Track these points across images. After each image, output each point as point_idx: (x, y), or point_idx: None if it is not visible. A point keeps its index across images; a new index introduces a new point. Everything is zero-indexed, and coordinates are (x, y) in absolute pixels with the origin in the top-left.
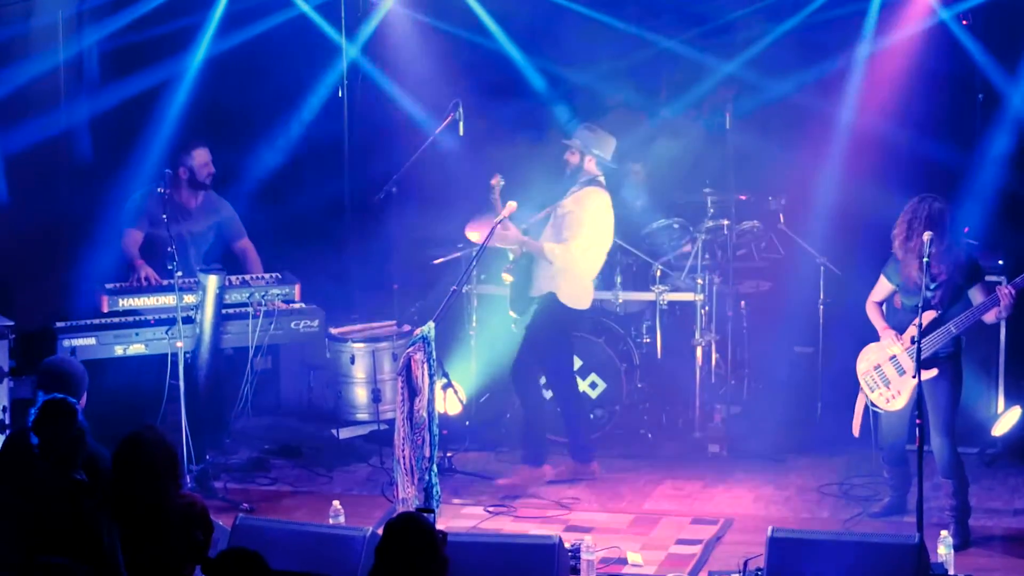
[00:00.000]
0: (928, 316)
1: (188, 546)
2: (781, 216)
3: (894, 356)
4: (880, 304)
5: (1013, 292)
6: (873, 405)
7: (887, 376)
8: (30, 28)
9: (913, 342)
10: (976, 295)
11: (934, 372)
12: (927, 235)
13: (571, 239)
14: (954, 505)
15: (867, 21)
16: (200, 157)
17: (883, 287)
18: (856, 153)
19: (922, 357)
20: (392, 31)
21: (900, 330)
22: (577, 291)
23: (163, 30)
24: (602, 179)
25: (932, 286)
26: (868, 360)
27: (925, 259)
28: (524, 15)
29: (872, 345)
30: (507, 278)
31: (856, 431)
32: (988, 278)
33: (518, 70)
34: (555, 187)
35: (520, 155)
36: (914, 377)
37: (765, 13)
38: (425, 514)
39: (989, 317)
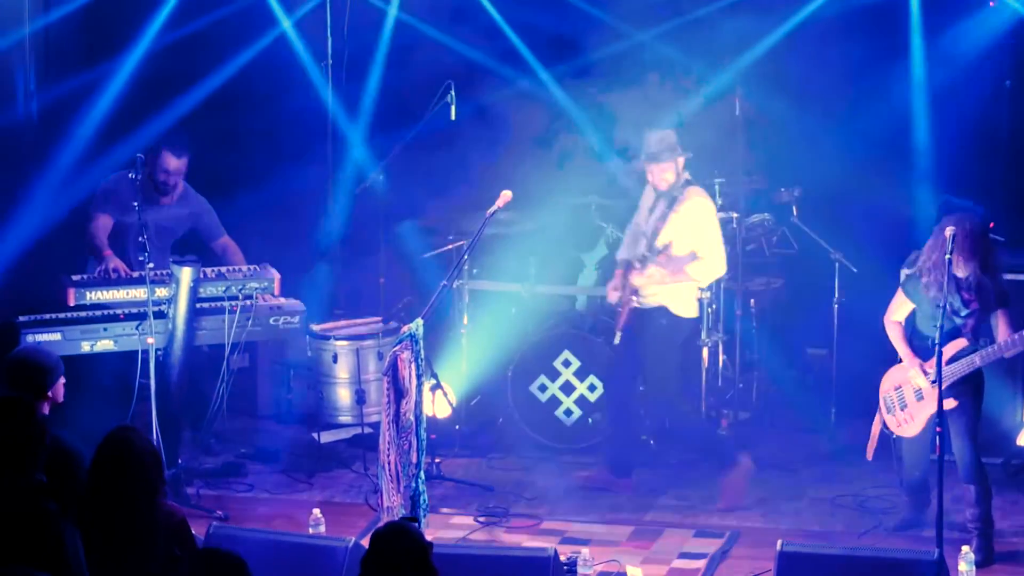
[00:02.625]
0: (957, 345)
1: (166, 561)
2: (794, 208)
3: (914, 383)
4: (901, 323)
5: None
6: (885, 427)
7: (905, 399)
8: None
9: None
10: (1000, 323)
11: (952, 403)
12: (949, 230)
13: (711, 253)
14: (977, 515)
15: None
16: (163, 162)
17: (903, 305)
18: (877, 142)
19: (944, 386)
20: (370, 17)
21: (921, 354)
22: (690, 302)
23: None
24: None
25: (964, 313)
26: (891, 380)
27: (947, 255)
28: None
29: (894, 369)
30: (612, 295)
31: (870, 455)
32: (1012, 276)
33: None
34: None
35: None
36: (936, 387)
37: None
38: (410, 523)
39: (1010, 354)
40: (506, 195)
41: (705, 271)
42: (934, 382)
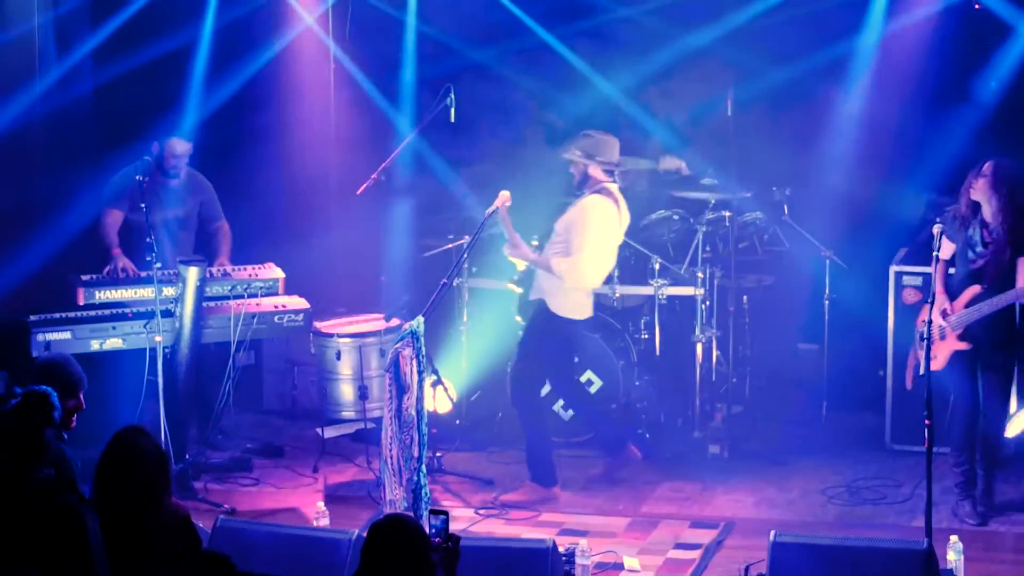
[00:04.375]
0: (973, 291)
1: (170, 559)
2: (785, 207)
3: (941, 326)
4: (945, 261)
5: None
6: (917, 359)
7: (933, 335)
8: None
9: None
10: (1020, 270)
11: (965, 346)
12: (936, 227)
13: (577, 253)
14: (983, 475)
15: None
16: (174, 147)
17: (947, 245)
18: (865, 142)
19: (959, 329)
20: (373, 25)
21: (951, 293)
22: (569, 303)
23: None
24: (611, 185)
25: (979, 250)
26: (924, 315)
27: (935, 253)
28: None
29: (928, 304)
30: (514, 288)
31: (909, 384)
32: None
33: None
34: (562, 199)
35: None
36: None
37: None
38: (436, 517)
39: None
40: (504, 195)
41: (567, 270)
42: (949, 320)
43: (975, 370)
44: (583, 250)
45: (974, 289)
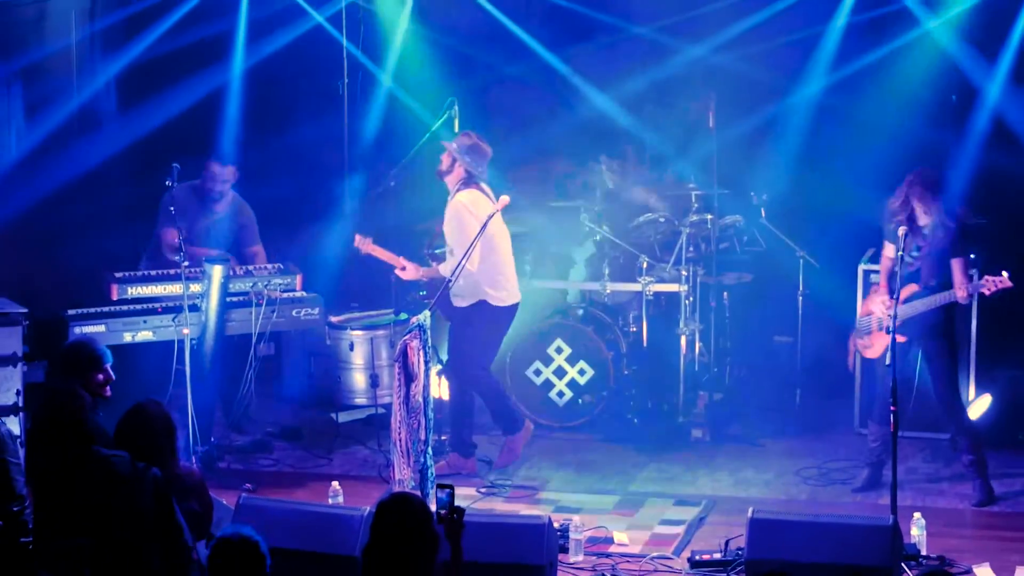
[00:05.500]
0: (909, 289)
1: (187, 515)
2: (763, 211)
3: (876, 313)
4: (892, 259)
5: (968, 295)
6: (858, 348)
7: (870, 327)
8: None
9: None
10: (954, 270)
11: (901, 339)
12: (902, 230)
13: (454, 253)
14: (973, 460)
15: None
16: (210, 172)
17: (889, 247)
18: (835, 152)
19: (897, 324)
20: (394, 35)
21: (891, 290)
22: (465, 290)
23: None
24: (478, 176)
25: (915, 255)
26: (866, 307)
27: (899, 253)
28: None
29: (871, 295)
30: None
31: (851, 366)
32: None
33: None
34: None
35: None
36: (893, 332)
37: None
38: (442, 491)
39: (962, 296)
40: (504, 199)
41: (448, 270)
42: (887, 310)
43: (907, 359)
44: (458, 248)
45: (911, 287)
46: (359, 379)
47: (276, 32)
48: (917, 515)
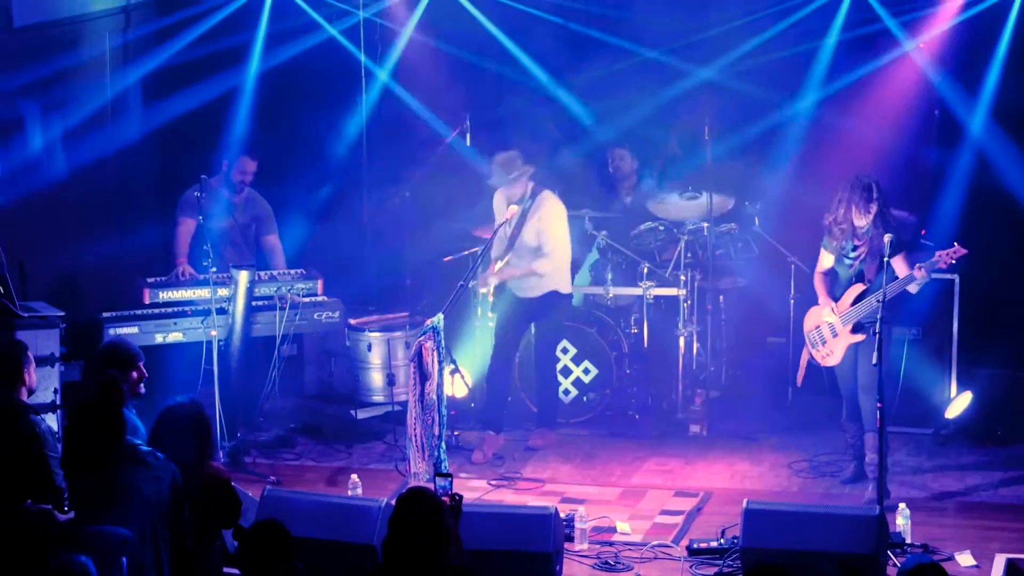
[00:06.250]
0: (856, 289)
1: (213, 513)
2: (756, 219)
3: (829, 321)
4: (826, 274)
5: (927, 273)
6: (813, 360)
7: (824, 336)
8: (81, 56)
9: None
10: (898, 266)
11: (861, 337)
12: (887, 236)
13: (550, 249)
14: (876, 460)
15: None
16: (242, 164)
17: (825, 258)
18: (826, 161)
19: (849, 323)
20: (410, 49)
21: (837, 299)
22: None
23: (204, 52)
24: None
25: (852, 255)
26: (811, 320)
27: (886, 258)
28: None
29: (814, 308)
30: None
31: (799, 382)
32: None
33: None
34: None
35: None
36: (859, 335)
37: (749, 29)
38: (442, 479)
39: (912, 288)
40: (513, 209)
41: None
42: (841, 316)
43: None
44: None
45: (857, 287)
46: (376, 378)
47: (293, 41)
48: (902, 505)
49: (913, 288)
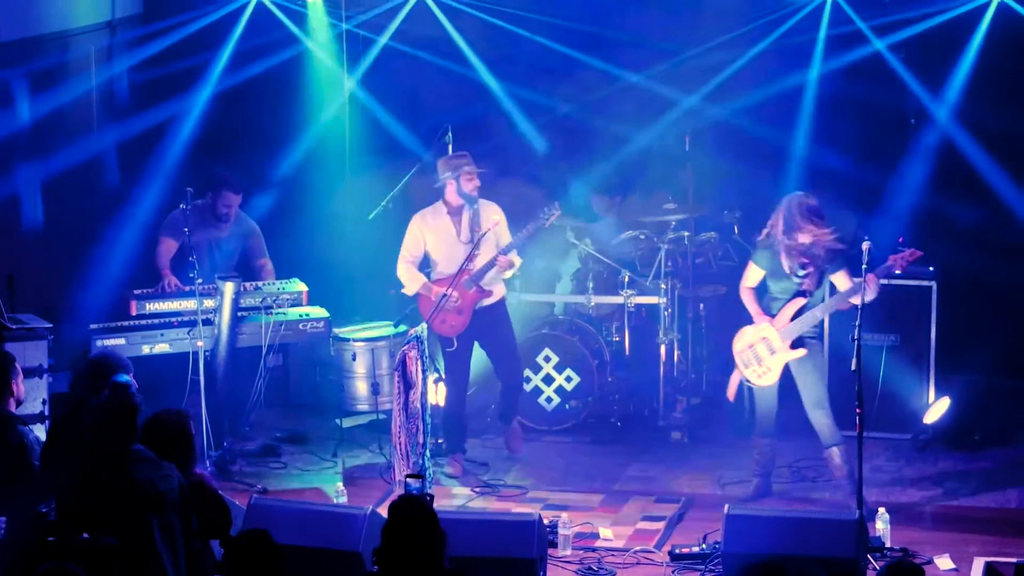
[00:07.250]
0: (796, 303)
1: (206, 521)
2: (735, 228)
3: (766, 338)
4: (753, 289)
5: (878, 279)
6: (747, 381)
7: (759, 355)
8: (66, 60)
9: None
10: (841, 280)
11: (802, 352)
12: (865, 244)
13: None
14: (849, 471)
15: (815, 51)
16: (224, 199)
17: (755, 273)
18: (799, 172)
19: (789, 339)
20: (387, 63)
21: (768, 312)
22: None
23: (183, 64)
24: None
25: (801, 273)
26: (743, 340)
27: (863, 267)
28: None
29: (747, 327)
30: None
31: (731, 397)
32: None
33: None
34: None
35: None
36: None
37: (725, 47)
38: (415, 480)
39: (855, 300)
40: (495, 219)
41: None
42: (780, 331)
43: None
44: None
45: (798, 302)
46: (361, 387)
47: (266, 55)
48: (881, 510)
49: (869, 295)
